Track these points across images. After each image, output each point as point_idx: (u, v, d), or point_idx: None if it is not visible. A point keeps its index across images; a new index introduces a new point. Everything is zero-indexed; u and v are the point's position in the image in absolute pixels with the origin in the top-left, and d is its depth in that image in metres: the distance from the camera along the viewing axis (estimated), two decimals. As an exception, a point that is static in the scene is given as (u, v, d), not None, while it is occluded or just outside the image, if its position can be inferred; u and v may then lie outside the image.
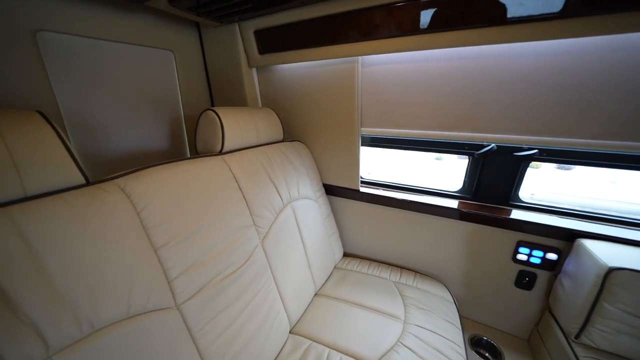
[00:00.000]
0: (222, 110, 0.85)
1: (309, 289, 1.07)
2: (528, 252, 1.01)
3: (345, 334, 0.91)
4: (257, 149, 0.98)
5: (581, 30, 0.65)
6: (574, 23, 0.65)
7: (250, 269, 0.79)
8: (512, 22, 0.69)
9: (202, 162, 0.77)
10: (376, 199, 1.25)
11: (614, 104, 0.76)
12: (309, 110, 1.20)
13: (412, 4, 0.77)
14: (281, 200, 0.99)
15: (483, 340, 1.13)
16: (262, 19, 0.97)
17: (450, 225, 1.13)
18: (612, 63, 0.73)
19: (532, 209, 1.05)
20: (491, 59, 0.85)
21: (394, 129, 1.10)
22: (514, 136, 0.90)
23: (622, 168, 0.89)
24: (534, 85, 0.82)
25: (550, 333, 0.96)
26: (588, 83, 0.76)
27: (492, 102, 0.89)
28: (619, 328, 0.77)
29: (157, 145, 1.07)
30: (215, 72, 1.20)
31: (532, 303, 1.07)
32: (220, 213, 0.74)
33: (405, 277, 1.19)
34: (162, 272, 0.59)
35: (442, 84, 0.94)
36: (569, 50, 0.76)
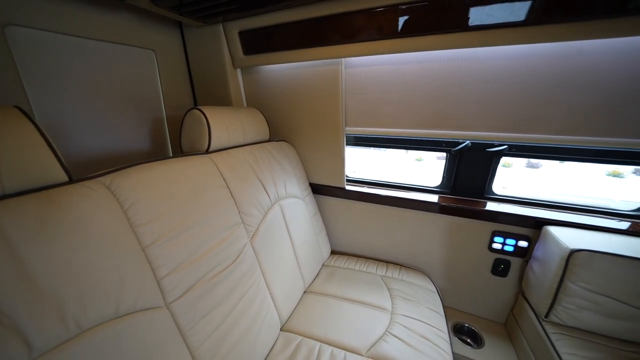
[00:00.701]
0: (208, 109, 0.85)
1: (298, 287, 1.08)
2: (502, 240, 1.08)
3: (335, 327, 0.93)
4: (244, 148, 0.98)
5: (542, 37, 0.73)
6: (535, 30, 0.72)
7: (239, 267, 0.79)
8: (482, 28, 0.76)
9: (190, 161, 0.76)
10: (362, 196, 1.29)
11: (571, 103, 0.85)
12: (295, 110, 1.22)
13: (391, 10, 0.82)
14: (269, 199, 1.00)
15: (465, 327, 1.20)
16: (246, 20, 0.99)
17: (432, 219, 1.19)
18: (567, 66, 0.81)
19: (505, 200, 1.14)
20: (464, 62, 0.92)
21: (377, 128, 1.14)
22: (485, 133, 0.98)
23: (580, 161, 0.99)
24: (502, 86, 0.90)
25: (524, 315, 1.04)
26: (548, 83, 0.85)
27: (465, 102, 0.96)
28: (581, 304, 0.85)
29: (137, 145, 1.05)
30: (199, 72, 1.19)
31: (507, 289, 1.15)
32: (208, 211, 0.74)
33: (391, 271, 1.24)
34: (150, 271, 0.58)
35: (421, 85, 1.00)
36: (531, 54, 0.84)
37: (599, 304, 0.83)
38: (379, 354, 0.83)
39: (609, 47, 0.76)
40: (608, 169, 2.64)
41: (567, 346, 0.84)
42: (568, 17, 0.68)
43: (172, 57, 1.12)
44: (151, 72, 1.05)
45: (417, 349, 0.85)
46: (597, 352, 0.81)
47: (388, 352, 0.84)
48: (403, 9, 0.81)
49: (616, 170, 2.55)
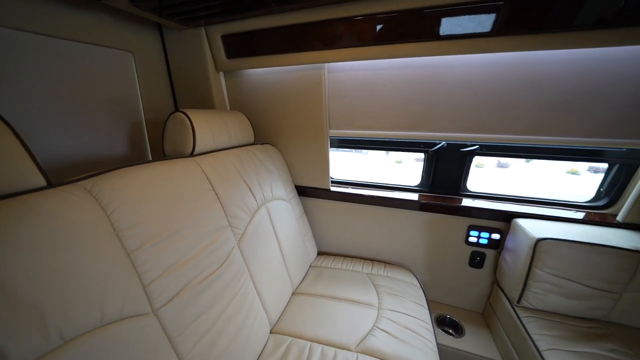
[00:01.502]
0: (192, 112, 0.84)
1: (286, 289, 1.08)
2: (477, 234, 1.16)
3: (325, 326, 0.94)
4: (229, 151, 0.98)
5: (504, 47, 0.81)
6: (499, 41, 0.80)
7: (228, 270, 0.79)
8: (453, 37, 0.82)
9: (174, 164, 0.75)
10: (346, 197, 1.33)
11: (531, 106, 0.94)
12: (279, 113, 1.23)
13: (369, 19, 0.87)
14: (255, 202, 1.00)
15: (447, 318, 1.26)
16: (229, 24, 0.99)
17: (413, 216, 1.25)
18: (527, 73, 0.91)
19: (478, 196, 1.22)
20: (438, 69, 0.99)
21: (359, 131, 1.19)
22: (459, 134, 1.05)
23: (542, 159, 1.10)
24: (472, 91, 0.98)
25: (499, 303, 1.12)
26: (511, 89, 0.94)
27: (440, 106, 1.03)
28: (547, 288, 0.93)
29: (115, 150, 1.01)
30: (180, 75, 1.17)
31: (483, 279, 1.22)
32: (195, 214, 0.73)
33: (377, 268, 1.27)
34: (136, 277, 0.57)
35: (400, 90, 1.06)
36: (496, 62, 0.92)
37: (561, 287, 0.92)
38: (368, 348, 0.86)
39: (561, 56, 0.86)
40: (567, 167, 2.92)
41: (536, 327, 0.91)
42: (526, 30, 0.76)
43: (151, 60, 1.10)
44: (129, 75, 1.02)
45: (404, 340, 0.89)
46: (562, 331, 0.89)
47: (376, 345, 0.86)
48: (380, 18, 0.86)
49: (574, 168, 2.83)
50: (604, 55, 0.83)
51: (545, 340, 0.87)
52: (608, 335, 0.87)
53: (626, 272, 0.86)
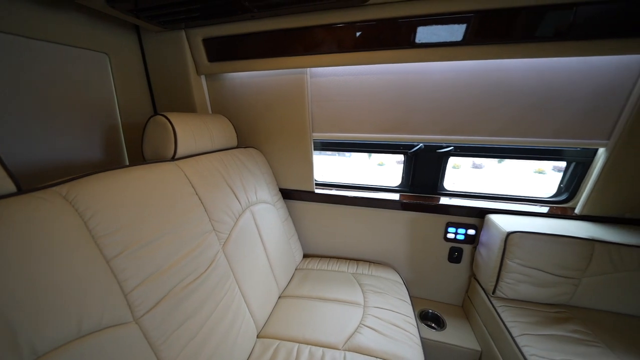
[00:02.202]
0: (173, 115, 0.83)
1: (273, 292, 1.08)
2: (455, 230, 1.23)
3: (312, 327, 0.95)
4: (212, 155, 0.97)
5: (475, 55, 0.88)
6: (471, 49, 0.87)
7: (212, 275, 0.78)
8: (429, 46, 0.88)
9: (154, 168, 0.73)
10: (330, 199, 1.35)
11: (500, 110, 1.02)
12: (262, 117, 1.24)
13: (350, 26, 0.91)
14: (240, 205, 0.99)
15: (429, 313, 1.31)
16: (211, 28, 0.99)
17: (395, 216, 1.30)
18: (496, 79, 0.98)
19: (455, 195, 1.29)
20: (415, 75, 1.04)
21: (342, 134, 1.22)
22: (435, 136, 1.12)
23: (511, 158, 1.19)
24: (447, 96, 1.04)
25: (476, 295, 1.18)
26: (482, 93, 1.01)
27: (418, 109, 1.09)
28: (518, 278, 1.00)
29: (90, 155, 0.96)
30: (159, 78, 1.15)
31: (461, 274, 1.29)
32: (177, 219, 0.72)
33: (362, 268, 1.30)
34: (116, 284, 0.55)
35: (380, 94, 1.10)
36: (469, 68, 0.99)
37: (530, 276, 0.99)
38: (355, 345, 0.88)
39: (525, 65, 0.94)
40: (535, 167, 3.15)
41: (510, 315, 0.98)
42: (494, 40, 0.84)
43: (128, 62, 1.06)
44: (104, 77, 0.98)
45: (389, 336, 0.91)
46: (532, 317, 0.96)
47: (363, 342, 0.88)
48: (359, 26, 0.90)
49: (540, 168, 3.07)
50: (561, 65, 0.92)
51: (518, 326, 0.93)
52: (571, 318, 0.95)
53: (584, 259, 0.95)
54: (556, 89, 0.95)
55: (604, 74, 0.91)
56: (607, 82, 0.91)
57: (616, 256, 0.93)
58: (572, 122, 0.98)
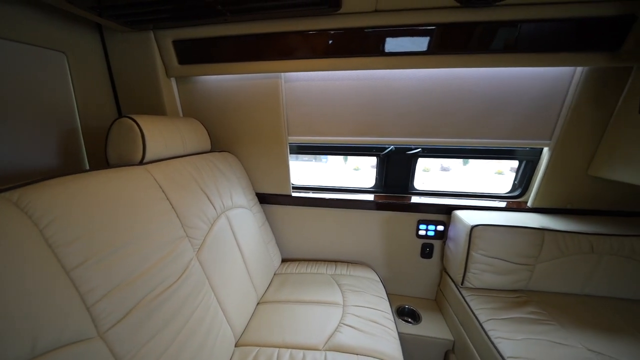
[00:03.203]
0: (141, 118, 0.79)
1: (251, 299, 1.05)
2: (425, 227, 1.30)
3: (292, 330, 0.94)
4: (184, 159, 0.94)
5: (438, 63, 0.96)
6: (434, 58, 0.95)
7: (186, 283, 0.74)
8: (396, 54, 0.95)
9: (120, 172, 0.70)
10: (307, 202, 1.36)
11: (460, 113, 1.11)
12: (237, 121, 1.23)
13: (321, 33, 0.94)
14: (214, 210, 0.96)
15: (405, 308, 1.36)
16: (182, 30, 0.97)
17: (370, 216, 1.34)
18: (457, 85, 1.08)
19: (424, 194, 1.37)
20: (384, 81, 1.11)
21: (317, 137, 1.25)
22: (404, 138, 1.19)
23: (471, 158, 1.29)
24: (413, 101, 1.12)
25: (447, 288, 1.25)
26: (445, 98, 1.10)
27: (388, 113, 1.16)
28: (482, 268, 1.09)
29: (45, 161, 0.88)
30: (124, 80, 1.09)
31: (433, 268, 1.36)
32: (147, 225, 0.68)
33: (340, 269, 1.32)
34: (78, 297, 0.51)
35: (352, 99, 1.15)
36: (433, 76, 1.08)
37: (493, 265, 1.08)
38: (335, 344, 0.88)
39: (481, 73, 1.05)
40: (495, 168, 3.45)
41: (477, 303, 1.05)
42: (454, 50, 0.92)
43: (88, 62, 1.00)
44: (61, 78, 0.91)
45: (368, 332, 0.93)
46: (496, 303, 1.04)
47: (343, 341, 0.89)
48: (331, 34, 0.94)
49: (499, 169, 3.38)
50: (510, 74, 1.04)
51: (484, 313, 1.00)
52: (529, 301, 1.05)
53: (536, 247, 1.05)
54: (506, 95, 1.06)
55: (544, 82, 1.03)
56: (547, 89, 1.04)
57: (562, 243, 1.04)
58: (520, 125, 1.10)
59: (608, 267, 1.04)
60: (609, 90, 0.97)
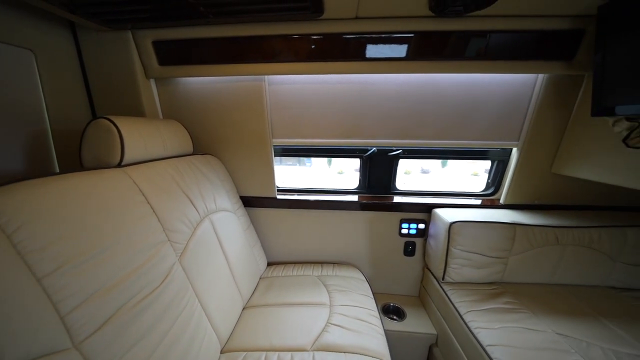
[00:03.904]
0: (119, 119, 0.77)
1: (236, 304, 1.03)
2: (407, 226, 1.34)
3: (279, 333, 0.94)
4: (165, 162, 0.91)
5: (417, 69, 1.01)
6: (413, 64, 1.00)
7: (168, 289, 0.72)
8: (377, 60, 0.99)
9: (97, 175, 0.67)
10: (293, 204, 1.36)
11: (437, 116, 1.17)
12: (220, 123, 1.21)
13: (305, 38, 0.96)
14: (197, 214, 0.94)
15: (390, 306, 1.39)
16: (162, 30, 0.95)
17: (355, 216, 1.37)
18: (434, 90, 1.13)
19: (406, 193, 1.42)
20: (366, 85, 1.15)
21: (301, 139, 1.26)
22: (385, 140, 1.23)
23: (448, 158, 1.36)
24: (393, 104, 1.17)
25: (429, 284, 1.30)
26: (423, 102, 1.15)
27: (370, 116, 1.19)
28: (461, 263, 1.14)
29: (11, 164, 0.82)
30: (99, 81, 1.05)
31: (416, 265, 1.41)
32: (126, 230, 0.66)
33: (326, 270, 1.33)
34: (51, 306, 0.48)
35: (336, 102, 1.18)
36: (412, 81, 1.13)
37: (470, 260, 1.14)
38: (323, 344, 0.89)
39: (455, 79, 1.11)
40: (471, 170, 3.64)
41: (457, 297, 1.10)
42: (430, 57, 0.98)
43: (59, 61, 0.95)
44: (29, 77, 0.86)
45: (355, 330, 0.95)
46: (474, 296, 1.10)
47: (331, 340, 0.90)
48: (314, 39, 0.97)
49: (475, 171, 3.57)
50: (482, 80, 1.11)
51: (464, 305, 1.05)
52: (504, 292, 1.12)
53: (509, 241, 1.12)
54: (478, 99, 1.14)
55: (512, 87, 1.12)
56: (514, 94, 1.13)
57: (531, 236, 1.12)
58: (491, 127, 1.18)
59: (571, 257, 1.13)
60: (566, 95, 1.07)
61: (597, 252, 1.12)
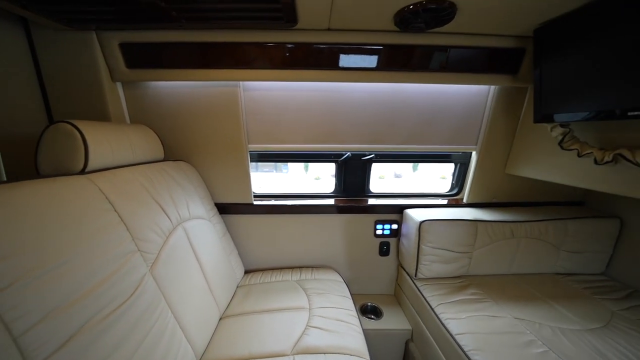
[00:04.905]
0: (82, 123, 0.72)
1: (212, 314, 1.00)
2: (382, 227, 1.40)
3: (258, 341, 0.92)
4: (133, 168, 0.87)
5: (386, 79, 1.08)
6: (383, 74, 1.06)
7: (139, 301, 0.68)
8: (350, 69, 1.04)
9: (57, 182, 0.62)
10: (270, 209, 1.36)
11: (406, 123, 1.26)
12: (193, 129, 1.18)
13: (280, 46, 0.99)
14: (170, 222, 0.91)
15: (368, 306, 1.43)
16: (131, 32, 0.92)
17: (332, 220, 1.40)
18: (402, 98, 1.22)
19: (379, 196, 1.49)
20: (340, 93, 1.20)
21: (277, 145, 1.27)
22: (358, 145, 1.29)
23: (418, 162, 1.46)
24: (365, 111, 1.23)
25: (404, 281, 1.36)
26: (393, 109, 1.23)
27: (344, 122, 1.24)
28: (431, 259, 1.22)
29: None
30: (57, 83, 0.97)
31: (391, 265, 1.47)
32: (90, 240, 0.62)
33: (305, 274, 1.34)
34: (2, 326, 0.44)
35: (311, 109, 1.21)
36: (383, 89, 1.20)
37: (439, 256, 1.22)
38: (303, 347, 0.89)
39: (422, 88, 1.20)
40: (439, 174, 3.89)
41: (429, 291, 1.17)
42: (399, 68, 1.05)
43: (8, 60, 0.87)
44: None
45: (334, 331, 0.97)
46: (444, 289, 1.18)
47: (310, 343, 0.91)
48: (288, 47, 1.00)
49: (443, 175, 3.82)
50: (444, 90, 1.21)
51: (435, 299, 1.12)
52: (470, 284, 1.21)
53: (472, 236, 1.23)
54: (442, 107, 1.24)
55: (470, 97, 1.24)
56: (472, 103, 1.25)
57: (491, 231, 1.24)
58: (453, 132, 1.29)
59: (525, 248, 1.26)
60: (514, 104, 1.22)
61: (545, 243, 1.26)
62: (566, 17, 0.83)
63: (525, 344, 0.88)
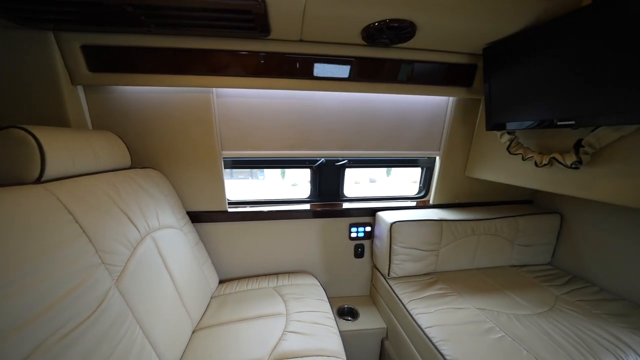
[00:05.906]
0: (38, 129, 0.68)
1: (185, 327, 0.96)
2: (356, 230, 1.45)
3: (234, 350, 0.91)
4: (97, 176, 0.82)
5: (358, 88, 1.14)
6: (354, 84, 1.13)
7: (103, 318, 0.65)
8: (323, 79, 1.09)
9: (6, 193, 0.58)
10: (245, 216, 1.35)
11: (376, 130, 1.33)
12: (163, 135, 1.15)
13: (253, 54, 1.01)
14: (138, 232, 0.87)
15: (345, 308, 1.46)
16: (94, 34, 0.88)
17: (308, 225, 1.42)
18: (372, 107, 1.29)
19: (353, 200, 1.54)
20: (313, 101, 1.24)
21: (252, 151, 1.27)
22: (331, 151, 1.33)
23: (388, 167, 1.54)
24: (338, 119, 1.28)
25: (378, 282, 1.42)
26: (364, 117, 1.30)
27: (317, 129, 1.29)
28: (402, 258, 1.29)
29: None
30: (6, 86, 0.89)
31: (366, 266, 1.52)
32: (48, 253, 0.58)
33: (282, 280, 1.33)
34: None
35: (285, 116, 1.24)
36: (354, 98, 1.26)
37: (410, 255, 1.29)
38: (280, 353, 0.89)
39: (390, 98, 1.29)
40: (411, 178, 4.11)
41: (401, 289, 1.23)
42: (369, 79, 1.12)
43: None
44: None
45: (311, 334, 0.98)
46: (415, 287, 1.25)
47: (288, 348, 0.91)
48: (262, 56, 1.02)
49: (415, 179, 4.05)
50: (410, 99, 1.31)
51: (407, 296, 1.18)
52: (437, 280, 1.29)
53: (438, 235, 1.32)
54: (408, 115, 1.34)
55: (433, 107, 1.35)
56: (434, 112, 1.36)
57: (454, 229, 1.34)
58: (419, 139, 1.39)
59: (484, 244, 1.38)
60: (470, 114, 1.35)
61: (501, 238, 1.40)
62: (508, 39, 0.96)
63: (486, 331, 0.97)
